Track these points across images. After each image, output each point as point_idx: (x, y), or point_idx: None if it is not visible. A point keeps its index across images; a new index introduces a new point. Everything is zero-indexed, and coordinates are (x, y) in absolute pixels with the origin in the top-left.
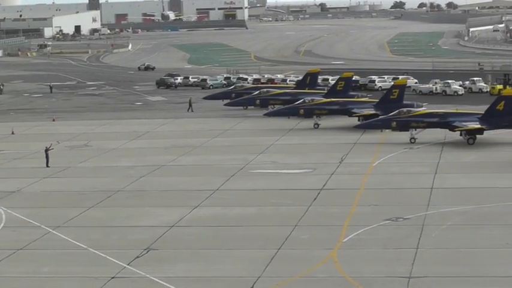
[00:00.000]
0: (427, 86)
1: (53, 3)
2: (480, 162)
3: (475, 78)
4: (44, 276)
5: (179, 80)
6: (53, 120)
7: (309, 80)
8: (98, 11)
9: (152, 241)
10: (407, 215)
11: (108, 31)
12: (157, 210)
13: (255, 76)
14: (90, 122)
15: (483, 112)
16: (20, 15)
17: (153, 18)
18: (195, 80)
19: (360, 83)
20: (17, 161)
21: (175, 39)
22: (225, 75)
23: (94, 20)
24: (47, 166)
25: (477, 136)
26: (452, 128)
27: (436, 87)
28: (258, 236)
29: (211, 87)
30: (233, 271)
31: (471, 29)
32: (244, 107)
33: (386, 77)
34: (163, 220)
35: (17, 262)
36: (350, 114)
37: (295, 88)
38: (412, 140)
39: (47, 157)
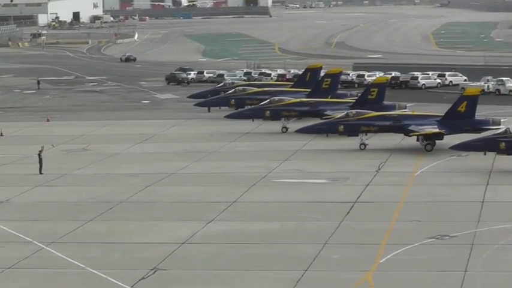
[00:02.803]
0: (478, 84)
1: None
2: None
3: None
4: None
5: (192, 75)
6: (47, 120)
7: (309, 77)
8: None
9: (160, 260)
10: (454, 232)
11: (111, 18)
12: (166, 224)
13: (280, 71)
14: (90, 123)
15: (443, 114)
16: (11, 0)
17: (162, 4)
18: (211, 75)
19: (401, 80)
20: (6, 167)
21: (188, 28)
22: (245, 70)
23: (95, 6)
24: (40, 173)
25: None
26: (408, 133)
27: (488, 86)
28: (281, 255)
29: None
30: None
31: None
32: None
33: (431, 73)
34: (173, 236)
35: (4, 282)
36: (322, 116)
37: (292, 86)
38: (362, 147)
39: (40, 162)
